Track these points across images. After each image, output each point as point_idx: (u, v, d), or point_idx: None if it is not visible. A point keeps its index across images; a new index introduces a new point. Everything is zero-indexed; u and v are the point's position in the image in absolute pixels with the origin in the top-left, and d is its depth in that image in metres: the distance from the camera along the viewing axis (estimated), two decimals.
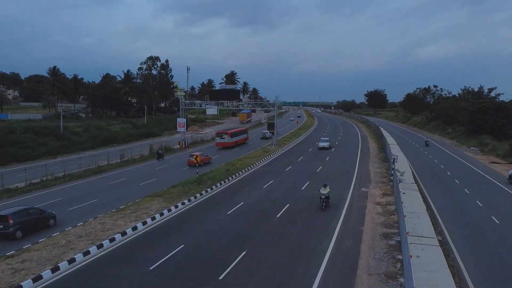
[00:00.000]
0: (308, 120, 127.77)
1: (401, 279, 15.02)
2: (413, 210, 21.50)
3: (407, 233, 17.05)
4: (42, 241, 19.37)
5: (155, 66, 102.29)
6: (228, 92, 56.84)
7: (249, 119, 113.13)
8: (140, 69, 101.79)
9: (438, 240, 18.24)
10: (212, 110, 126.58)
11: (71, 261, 17.01)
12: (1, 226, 20.08)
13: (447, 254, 18.21)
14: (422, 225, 20.16)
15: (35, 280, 15.27)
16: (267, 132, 66.37)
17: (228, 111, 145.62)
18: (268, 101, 60.51)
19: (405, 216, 19.44)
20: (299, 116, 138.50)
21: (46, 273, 15.76)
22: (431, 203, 27.72)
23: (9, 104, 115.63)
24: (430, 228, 20.49)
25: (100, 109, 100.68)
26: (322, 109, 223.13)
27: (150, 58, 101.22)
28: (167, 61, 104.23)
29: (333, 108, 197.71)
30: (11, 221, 20.02)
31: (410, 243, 15.91)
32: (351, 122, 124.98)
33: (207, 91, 77.45)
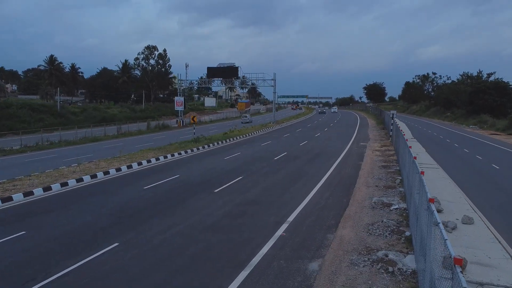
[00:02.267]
0: (306, 111, 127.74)
1: (400, 189, 14.67)
2: (415, 151, 21.34)
3: (410, 146, 16.73)
4: (34, 174, 18.98)
5: (153, 55, 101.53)
6: (227, 69, 56.49)
7: (247, 108, 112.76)
8: (137, 59, 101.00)
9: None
10: (210, 101, 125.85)
11: (64, 184, 16.66)
12: None
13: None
14: (423, 158, 19.97)
15: (26, 194, 14.92)
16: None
17: (226, 103, 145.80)
18: (266, 99, 59.93)
19: (407, 139, 19.15)
20: (298, 105, 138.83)
21: (37, 191, 15.41)
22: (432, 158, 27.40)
23: (7, 97, 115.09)
24: (431, 160, 20.27)
25: (98, 99, 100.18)
26: (321, 105, 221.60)
27: (147, 47, 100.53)
28: (165, 50, 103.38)
29: (331, 104, 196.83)
30: None
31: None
32: (350, 111, 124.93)
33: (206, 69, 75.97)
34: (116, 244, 9.52)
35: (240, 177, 17.57)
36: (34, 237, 10.22)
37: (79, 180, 17.48)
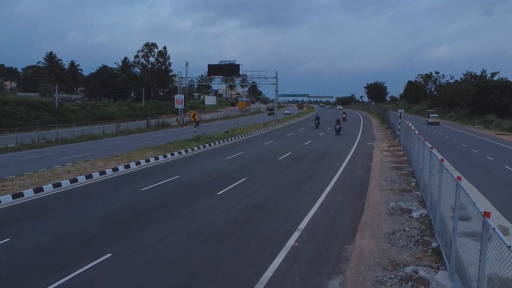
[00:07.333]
0: (307, 110, 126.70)
1: (417, 192, 13.65)
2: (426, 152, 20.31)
3: (431, 147, 15.65)
4: (26, 174, 17.93)
5: (152, 53, 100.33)
6: (227, 67, 55.44)
7: (248, 107, 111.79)
8: (136, 56, 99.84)
9: None
10: (210, 100, 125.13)
11: (57, 185, 15.63)
12: None
13: None
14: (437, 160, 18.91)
15: (15, 196, 13.89)
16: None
17: (226, 102, 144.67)
18: (267, 97, 58.78)
19: (425, 140, 18.08)
20: (300, 105, 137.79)
21: (28, 192, 14.38)
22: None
23: (6, 94, 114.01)
24: (445, 161, 19.19)
25: (97, 97, 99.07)
26: (322, 104, 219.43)
27: (147, 45, 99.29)
28: (165, 48, 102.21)
29: (332, 103, 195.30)
30: None
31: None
32: (352, 110, 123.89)
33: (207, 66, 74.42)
34: (109, 255, 8.50)
35: (244, 178, 16.56)
36: (19, 246, 9.21)
37: (73, 180, 16.46)
